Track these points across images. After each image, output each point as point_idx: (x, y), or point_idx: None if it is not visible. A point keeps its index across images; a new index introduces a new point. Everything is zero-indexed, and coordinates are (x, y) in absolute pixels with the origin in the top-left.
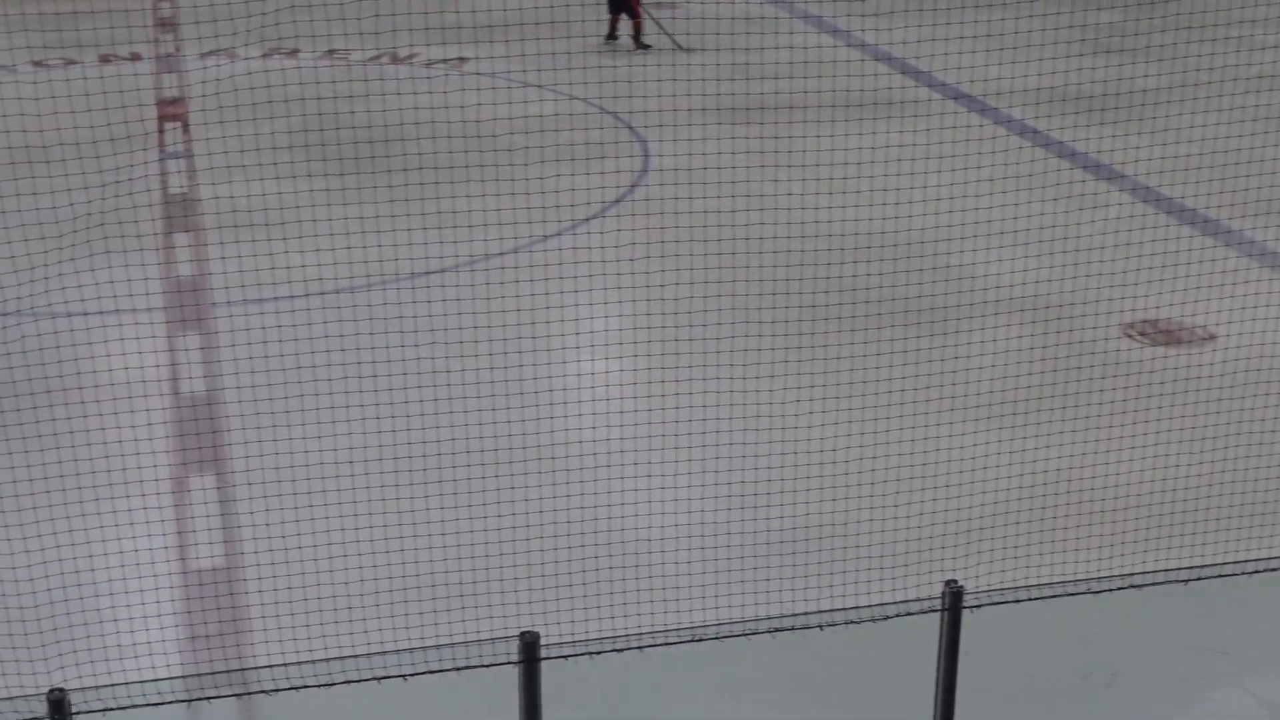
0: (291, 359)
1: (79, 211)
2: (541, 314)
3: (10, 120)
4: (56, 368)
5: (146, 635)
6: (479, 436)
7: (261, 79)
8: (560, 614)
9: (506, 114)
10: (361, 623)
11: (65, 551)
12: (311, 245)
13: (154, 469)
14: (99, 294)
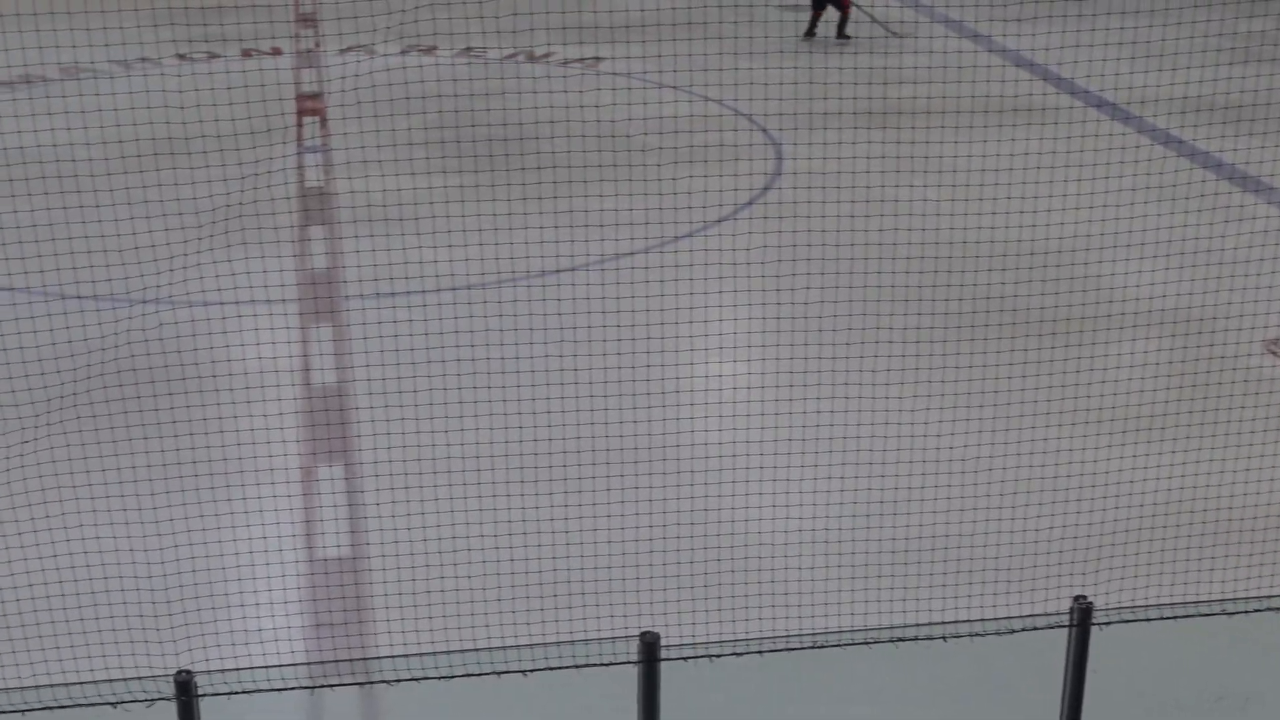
0: (421, 353)
1: (218, 203)
2: (670, 315)
3: (154, 112)
4: (193, 356)
5: (272, 621)
6: (605, 435)
7: (399, 75)
8: (681, 615)
9: (641, 114)
10: (483, 617)
11: (196, 537)
12: (444, 241)
13: (284, 458)
14: (235, 284)
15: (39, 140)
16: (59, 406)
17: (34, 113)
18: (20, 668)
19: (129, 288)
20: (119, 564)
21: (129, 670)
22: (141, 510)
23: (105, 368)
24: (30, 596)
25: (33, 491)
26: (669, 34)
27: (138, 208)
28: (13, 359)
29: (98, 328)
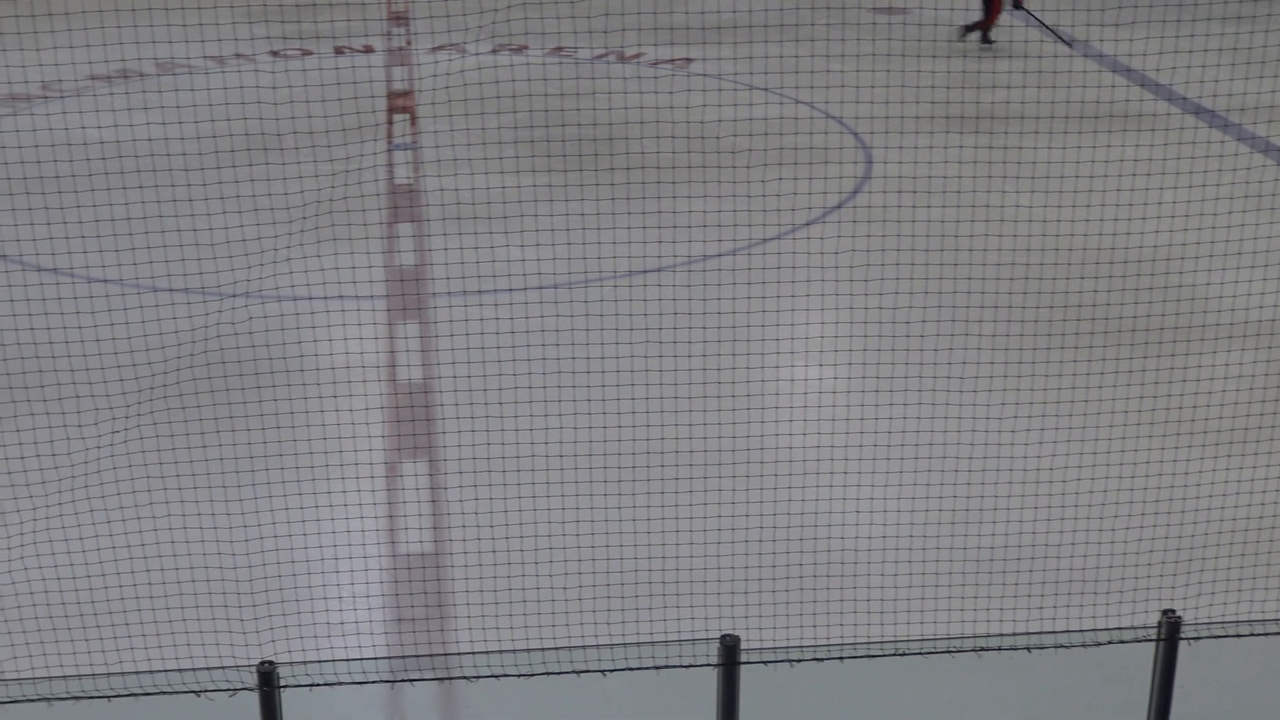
0: (507, 351)
1: (308, 198)
2: (757, 317)
3: (248, 108)
4: (281, 350)
5: (354, 615)
6: (689, 437)
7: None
8: (762, 619)
9: (731, 116)
10: (563, 615)
11: (281, 529)
12: (531, 240)
13: (369, 453)
14: (324, 279)
15: (135, 134)
16: (150, 397)
17: (130, 107)
18: (107, 654)
19: (220, 281)
20: (205, 554)
21: (213, 660)
22: (228, 502)
23: (195, 360)
24: (118, 584)
25: (122, 481)
26: (760, 36)
27: (230, 202)
28: (105, 350)
29: (189, 320)
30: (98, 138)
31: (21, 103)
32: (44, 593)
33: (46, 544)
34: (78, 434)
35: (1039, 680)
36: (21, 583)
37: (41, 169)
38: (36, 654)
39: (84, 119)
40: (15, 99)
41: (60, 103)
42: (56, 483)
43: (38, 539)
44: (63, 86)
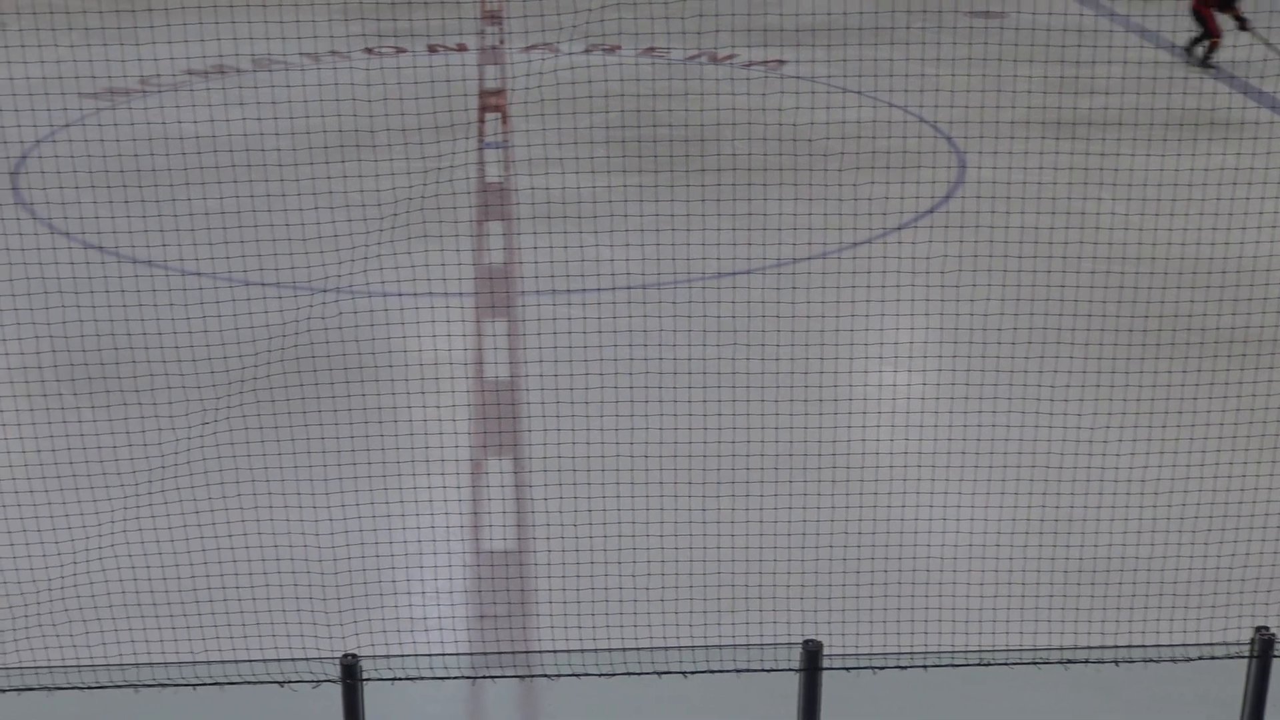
0: (595, 350)
1: (400, 195)
2: (846, 321)
3: (342, 105)
4: (370, 345)
5: (437, 611)
6: (774, 440)
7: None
8: (845, 625)
9: (823, 119)
10: (645, 616)
11: (366, 524)
12: (621, 240)
13: (454, 449)
14: (414, 276)
15: (230, 130)
16: (240, 390)
17: (226, 102)
18: (194, 643)
19: (311, 276)
20: (291, 546)
21: (296, 651)
22: (315, 495)
23: (285, 354)
24: (205, 575)
25: (211, 472)
26: (854, 38)
27: (322, 198)
28: (197, 342)
29: (279, 314)
30: (194, 132)
31: (120, 97)
32: (133, 580)
33: (136, 533)
34: (169, 425)
35: (1127, 695)
36: (111, 570)
37: (139, 163)
38: (125, 641)
39: (180, 114)
40: (114, 93)
41: (158, 97)
42: (147, 473)
43: (128, 528)
44: (160, 81)
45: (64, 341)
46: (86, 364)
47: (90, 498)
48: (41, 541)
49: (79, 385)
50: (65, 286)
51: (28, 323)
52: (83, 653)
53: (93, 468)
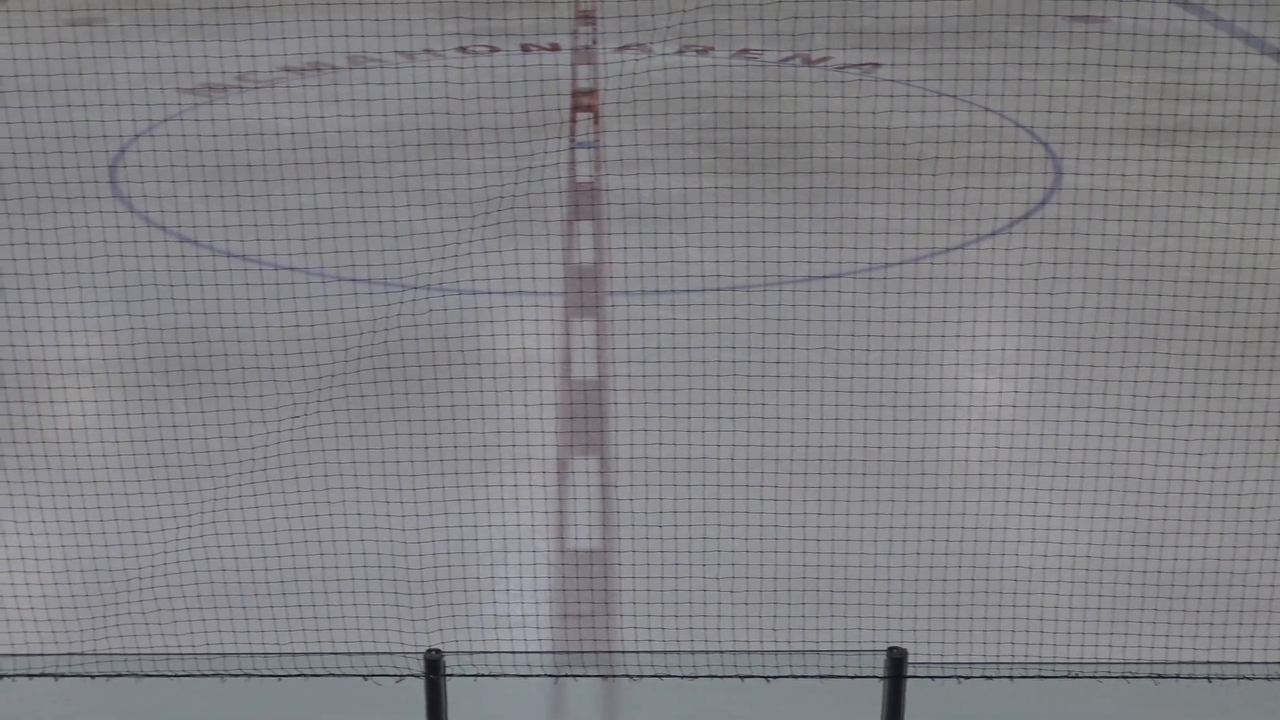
0: (683, 351)
1: (491, 194)
2: (937, 327)
3: (435, 103)
4: (459, 343)
5: (521, 608)
6: (862, 446)
7: (675, 75)
8: (931, 633)
9: (918, 123)
10: (729, 619)
11: (452, 520)
12: (711, 242)
13: (541, 448)
14: (504, 275)
15: (325, 126)
16: (329, 385)
17: (321, 99)
18: (279, 635)
19: (402, 273)
20: (377, 541)
21: (381, 645)
22: (401, 490)
23: (375, 349)
24: (292, 566)
25: (300, 466)
26: (951, 41)
27: (414, 195)
28: (289, 336)
29: (370, 310)
30: (289, 128)
31: (217, 92)
32: (221, 571)
33: (226, 524)
34: (260, 418)
35: (1218, 712)
36: (200, 561)
37: (234, 158)
38: (212, 631)
39: (276, 110)
40: (212, 89)
41: (254, 93)
42: (238, 465)
43: (217, 518)
44: (257, 77)
45: (159, 334)
46: (180, 356)
47: (181, 488)
48: (133, 530)
49: (172, 377)
50: (160, 279)
51: (123, 314)
52: (170, 641)
53: (184, 459)
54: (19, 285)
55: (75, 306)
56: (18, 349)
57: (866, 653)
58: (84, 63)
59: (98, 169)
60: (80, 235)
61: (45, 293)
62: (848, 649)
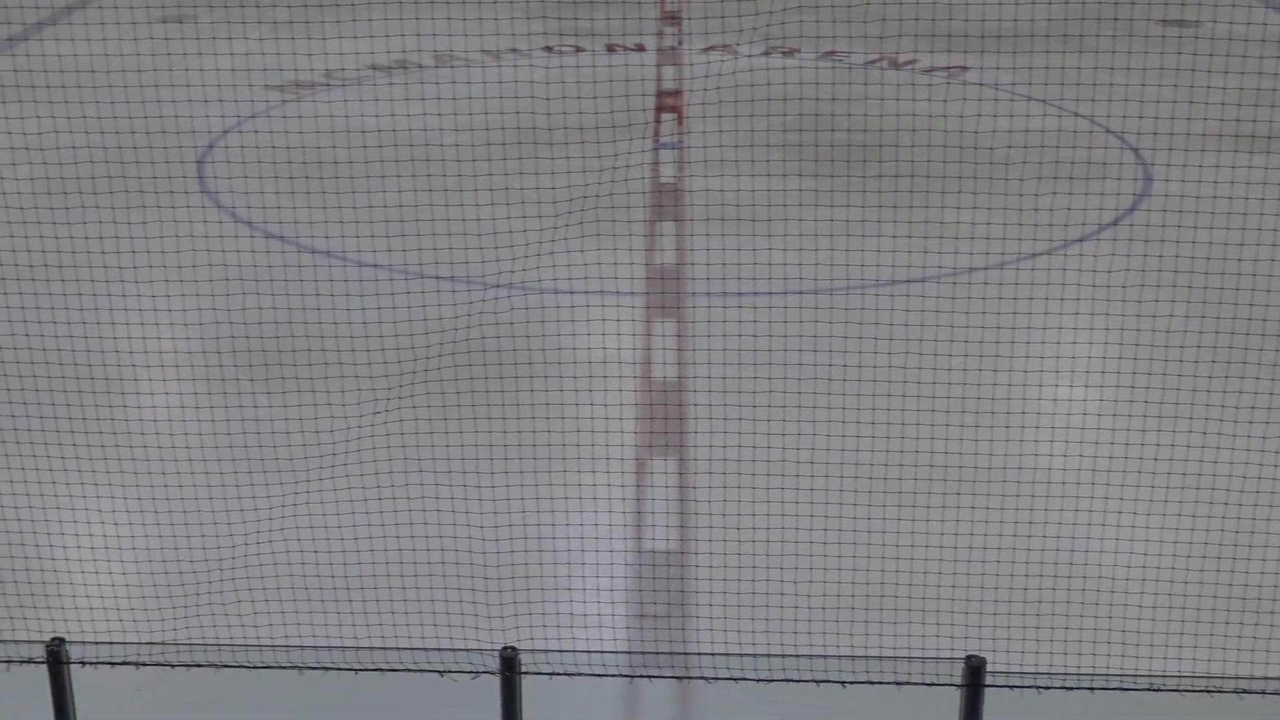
0: (764, 354)
1: (574, 194)
2: (1022, 333)
3: (520, 102)
4: (540, 341)
5: (597, 608)
6: (943, 451)
7: (760, 76)
8: (1010, 642)
9: (1005, 127)
10: (805, 624)
11: (530, 518)
12: (794, 244)
13: (620, 448)
14: (586, 274)
15: (410, 124)
16: (410, 382)
17: (407, 97)
18: (357, 629)
19: (484, 271)
20: (455, 537)
21: (457, 641)
22: (480, 488)
23: (456, 347)
24: (370, 562)
25: (380, 461)
26: (1040, 45)
27: (498, 194)
28: (371, 333)
29: (452, 308)
30: (375, 126)
31: (305, 90)
32: (300, 565)
33: (306, 517)
34: (341, 413)
35: None
36: (281, 554)
37: (320, 155)
38: (291, 623)
39: (363, 108)
40: (299, 86)
41: (341, 91)
42: (318, 459)
43: (298, 512)
44: (344, 75)
45: (243, 328)
46: (264, 350)
47: (263, 482)
48: (215, 523)
49: (256, 371)
50: (246, 274)
51: (209, 309)
52: (250, 633)
53: (267, 453)
54: (108, 279)
55: (162, 300)
56: (106, 341)
57: (944, 660)
58: (174, 59)
59: (186, 164)
60: (168, 230)
61: (134, 286)
62: (925, 656)
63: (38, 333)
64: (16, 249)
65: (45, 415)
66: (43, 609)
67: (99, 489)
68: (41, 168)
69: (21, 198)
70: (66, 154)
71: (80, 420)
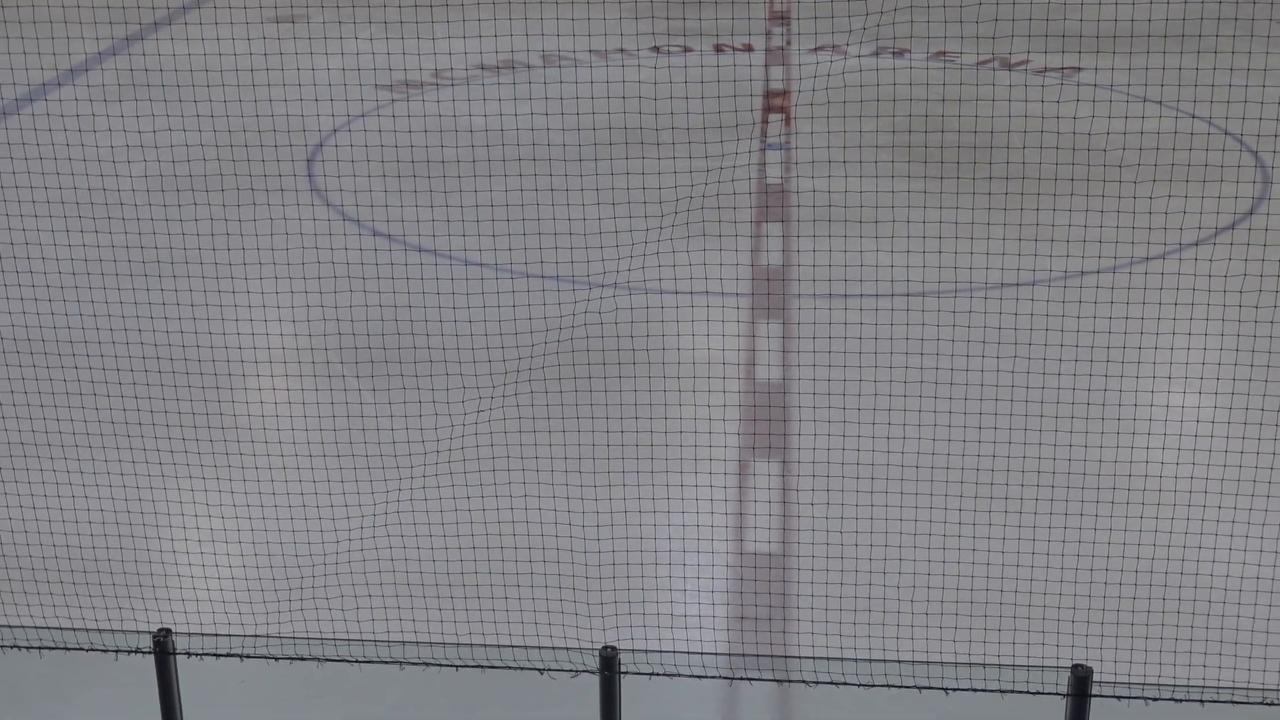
0: (869, 356)
1: (680, 194)
2: (1134, 338)
3: (628, 102)
4: (644, 341)
5: (697, 609)
6: (1052, 458)
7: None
8: (1118, 651)
9: (1120, 128)
10: (908, 629)
11: (631, 518)
12: (901, 246)
13: (722, 449)
14: (691, 274)
15: (518, 124)
16: (514, 380)
17: (515, 97)
18: (458, 625)
19: (589, 271)
20: (556, 536)
21: (557, 640)
22: (582, 486)
23: (560, 347)
24: (472, 559)
25: (484, 459)
26: (1156, 46)
27: (604, 194)
28: (476, 331)
29: (557, 307)
30: (482, 126)
31: (414, 89)
32: (404, 560)
33: (409, 514)
34: (445, 411)
35: None
36: (384, 549)
37: (428, 153)
38: (393, 618)
39: (470, 107)
40: (409, 85)
41: (450, 90)
42: (422, 456)
43: (401, 509)
44: (452, 75)
45: (349, 325)
46: (370, 348)
47: (367, 478)
48: (320, 518)
49: (362, 368)
50: (353, 272)
51: (316, 305)
52: (352, 628)
53: (371, 449)
54: (219, 275)
55: (271, 296)
56: (215, 336)
57: (1050, 669)
58: (286, 59)
59: (296, 163)
60: (278, 227)
61: (243, 282)
62: (1030, 664)
63: (149, 328)
64: (130, 245)
65: (156, 409)
66: (150, 600)
67: (207, 483)
68: (156, 165)
69: (136, 195)
70: (180, 151)
71: (190, 415)
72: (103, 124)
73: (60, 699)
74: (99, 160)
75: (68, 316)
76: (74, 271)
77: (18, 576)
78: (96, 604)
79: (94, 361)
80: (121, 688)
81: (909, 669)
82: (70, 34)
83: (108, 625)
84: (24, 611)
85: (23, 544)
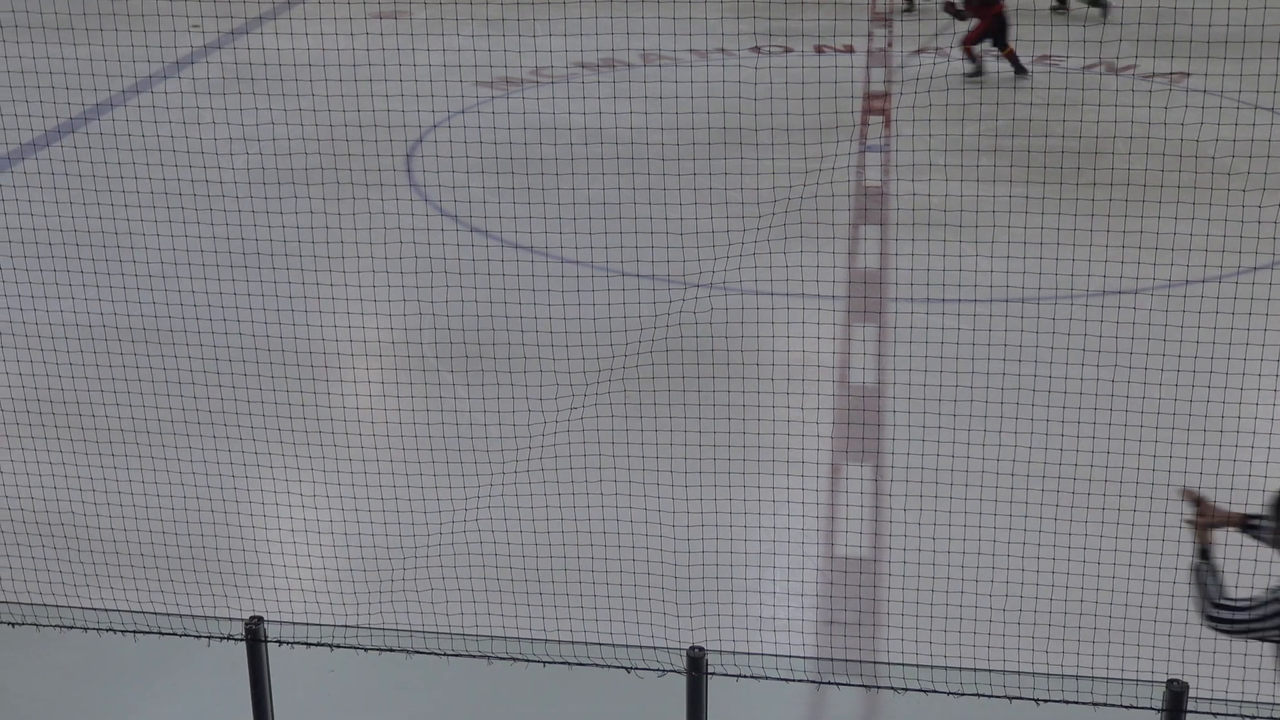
0: (966, 362)
1: (778, 195)
2: (1238, 349)
3: (727, 102)
4: (738, 342)
5: (786, 612)
6: (1150, 469)
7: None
8: (1215, 667)
9: (1229, 136)
10: (999, 638)
11: (722, 519)
12: (1001, 251)
13: (815, 452)
14: (787, 276)
15: (616, 122)
16: (608, 378)
17: (614, 95)
18: (546, 621)
19: (685, 270)
20: (646, 535)
21: (645, 639)
22: (673, 486)
23: (654, 346)
24: (562, 556)
25: (575, 457)
26: (1270, 52)
27: (701, 194)
28: (570, 329)
29: (652, 306)
30: (581, 123)
31: (514, 86)
32: (493, 555)
33: (499, 509)
34: (538, 407)
35: None
36: (474, 544)
37: (526, 150)
38: (481, 613)
39: (570, 105)
40: (509, 82)
41: (549, 88)
42: (514, 452)
43: (491, 504)
44: (552, 72)
45: (445, 320)
46: (465, 343)
47: (459, 472)
48: (411, 510)
49: (456, 363)
50: (450, 268)
51: (413, 300)
52: (440, 621)
53: (463, 444)
54: (317, 268)
55: (368, 290)
56: (312, 329)
57: (1144, 683)
58: (387, 54)
59: (396, 158)
60: (376, 221)
61: (340, 275)
62: (1124, 678)
63: (249, 319)
64: (231, 236)
65: (254, 400)
66: (243, 589)
67: (302, 473)
68: (258, 158)
69: (238, 187)
70: (281, 145)
71: (287, 406)
72: (206, 116)
73: (152, 683)
74: (202, 153)
75: (169, 306)
76: (176, 262)
77: (114, 561)
78: (190, 590)
79: (194, 351)
80: (214, 674)
81: (999, 678)
82: (177, 27)
83: (201, 611)
84: (119, 596)
85: (120, 529)
